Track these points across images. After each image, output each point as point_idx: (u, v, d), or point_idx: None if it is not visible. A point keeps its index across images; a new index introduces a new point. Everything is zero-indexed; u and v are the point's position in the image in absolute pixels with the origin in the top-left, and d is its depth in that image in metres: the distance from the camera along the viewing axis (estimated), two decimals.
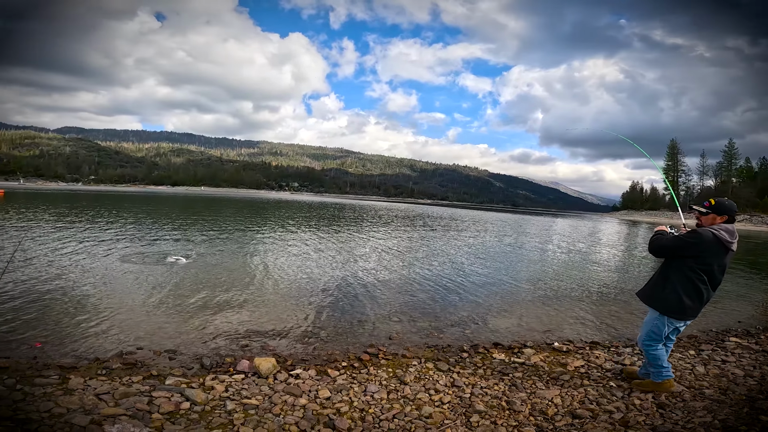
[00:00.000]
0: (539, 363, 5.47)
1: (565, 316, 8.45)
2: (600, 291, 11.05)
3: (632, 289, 11.53)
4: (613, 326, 7.86)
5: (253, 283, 9.55)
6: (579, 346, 6.39)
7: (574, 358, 5.70)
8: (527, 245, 22.89)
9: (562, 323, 7.91)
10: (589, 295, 10.41)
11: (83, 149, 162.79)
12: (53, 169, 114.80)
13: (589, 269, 15.03)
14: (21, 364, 4.53)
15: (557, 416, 3.95)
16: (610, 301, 9.97)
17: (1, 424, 3.12)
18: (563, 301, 9.62)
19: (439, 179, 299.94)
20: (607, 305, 9.49)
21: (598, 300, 9.99)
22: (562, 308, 9.02)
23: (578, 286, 11.60)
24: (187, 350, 5.53)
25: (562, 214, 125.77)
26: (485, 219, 52.25)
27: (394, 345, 6.26)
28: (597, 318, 8.38)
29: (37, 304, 6.97)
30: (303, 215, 37.48)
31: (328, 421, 3.67)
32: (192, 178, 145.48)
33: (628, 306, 9.51)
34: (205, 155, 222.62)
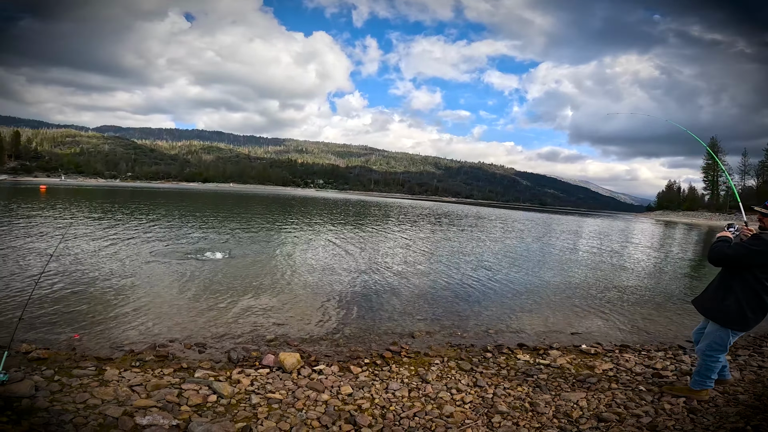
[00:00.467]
0: (565, 365, 5.36)
1: (594, 318, 8.22)
2: (632, 293, 10.67)
3: (667, 292, 11.10)
4: (645, 329, 7.59)
5: (281, 279, 9.75)
6: (608, 349, 6.21)
7: (603, 361, 5.55)
8: (555, 245, 22.35)
9: (590, 325, 7.70)
10: (620, 297, 10.07)
11: (120, 147, 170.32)
12: (93, 166, 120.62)
13: (620, 270, 14.54)
14: (60, 355, 4.79)
15: (582, 419, 3.86)
16: (642, 303, 9.61)
17: (38, 415, 3.32)
18: (592, 303, 9.35)
19: (464, 177, 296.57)
20: (640, 308, 9.16)
21: (630, 302, 9.65)
22: (591, 310, 8.77)
23: (609, 287, 11.24)
24: (215, 344, 5.72)
25: (592, 213, 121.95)
26: (511, 217, 51.34)
27: (416, 343, 6.27)
28: (628, 320, 8.11)
29: (76, 296, 7.35)
30: (329, 212, 37.93)
31: (350, 417, 3.71)
32: (221, 175, 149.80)
33: (661, 309, 9.16)
34: (233, 153, 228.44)
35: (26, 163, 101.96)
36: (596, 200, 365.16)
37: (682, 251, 24.28)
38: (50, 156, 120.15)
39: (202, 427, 3.23)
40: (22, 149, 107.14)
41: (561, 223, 47.93)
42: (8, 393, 3.52)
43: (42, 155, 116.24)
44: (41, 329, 5.69)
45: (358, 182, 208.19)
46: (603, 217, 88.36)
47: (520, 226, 36.54)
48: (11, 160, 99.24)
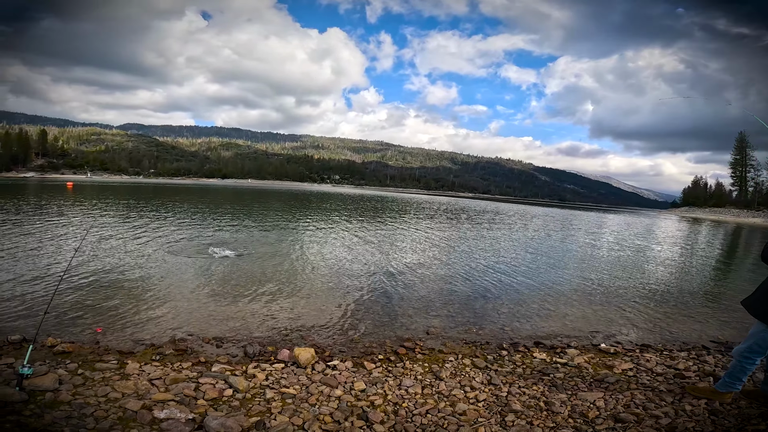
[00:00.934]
0: (583, 364, 5.25)
1: (614, 316, 8.03)
2: (655, 291, 10.38)
3: (692, 290, 10.76)
4: (668, 329, 7.38)
5: (297, 275, 9.85)
6: (628, 349, 6.07)
7: (622, 361, 5.43)
8: (574, 241, 21.93)
9: (610, 324, 7.53)
10: (642, 296, 9.81)
11: (143, 144, 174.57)
12: (117, 163, 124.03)
13: (643, 268, 14.17)
14: (84, 348, 4.94)
15: (598, 419, 3.79)
16: (665, 302, 9.34)
17: (60, 408, 3.43)
18: (613, 301, 9.13)
19: (481, 172, 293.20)
20: (662, 307, 8.91)
21: (652, 301, 9.39)
22: (611, 308, 8.57)
23: (630, 285, 10.96)
24: (232, 338, 5.82)
25: (614, 209, 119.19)
26: (529, 213, 50.61)
27: (431, 339, 6.24)
28: (650, 320, 7.90)
29: (100, 290, 7.58)
30: (345, 207, 38.10)
31: (362, 413, 3.72)
32: (240, 171, 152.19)
33: (686, 308, 8.89)
34: (251, 149, 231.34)
35: (53, 161, 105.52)
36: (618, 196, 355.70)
37: (708, 249, 23.50)
38: (76, 154, 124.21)
39: (216, 421, 3.28)
40: (49, 147, 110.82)
41: (581, 219, 47.00)
42: (32, 386, 3.64)
43: (68, 153, 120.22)
44: (66, 323, 5.88)
45: (374, 178, 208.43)
46: (625, 213, 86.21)
47: (538, 222, 35.98)
48: (39, 158, 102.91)
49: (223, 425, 3.24)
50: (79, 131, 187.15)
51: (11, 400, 3.40)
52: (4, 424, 3.06)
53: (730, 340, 6.81)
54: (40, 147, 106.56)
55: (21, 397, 3.47)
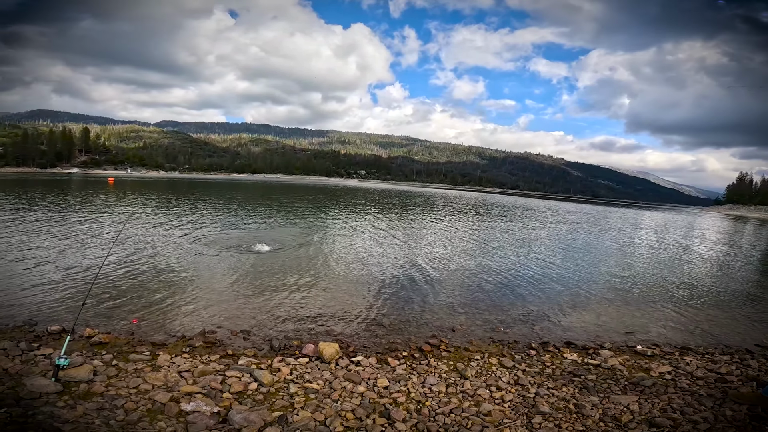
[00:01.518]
0: (617, 366, 5.02)
1: (652, 317, 7.65)
2: (695, 292, 9.83)
3: (735, 292, 10.14)
4: (710, 332, 6.97)
5: (325, 269, 9.92)
6: (666, 351, 5.77)
7: (660, 364, 5.16)
8: (609, 238, 21.12)
9: (647, 325, 7.17)
10: (682, 296, 9.31)
11: (178, 141, 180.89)
12: (154, 159, 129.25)
13: (682, 268, 13.46)
14: (120, 339, 5.13)
15: (631, 423, 3.60)
16: (707, 303, 8.83)
17: (93, 400, 3.55)
18: (650, 301, 8.71)
19: (510, 167, 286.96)
20: (704, 308, 8.42)
21: (693, 302, 8.89)
22: (649, 309, 8.17)
23: (669, 285, 10.43)
24: (259, 331, 5.90)
25: (651, 206, 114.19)
26: (561, 209, 49.15)
27: (457, 337, 6.13)
28: (690, 322, 7.48)
29: (135, 282, 7.87)
30: (371, 202, 38.18)
31: (384, 410, 3.67)
32: (269, 166, 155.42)
33: (728, 310, 8.37)
34: (279, 145, 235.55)
35: (95, 157, 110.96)
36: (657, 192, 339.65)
37: (754, 249, 22.10)
38: (117, 150, 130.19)
39: (240, 415, 3.32)
40: (91, 144, 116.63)
41: (616, 215, 45.26)
42: (68, 377, 3.79)
43: (109, 150, 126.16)
44: (104, 313, 6.12)
45: (401, 172, 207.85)
46: (664, 210, 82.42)
47: (570, 218, 34.89)
48: (82, 154, 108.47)
49: (247, 419, 3.27)
50: (119, 129, 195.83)
51: (46, 391, 3.54)
52: (37, 416, 3.17)
53: None
54: (83, 144, 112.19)
55: (56, 388, 3.60)
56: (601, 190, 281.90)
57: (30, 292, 6.81)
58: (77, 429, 3.02)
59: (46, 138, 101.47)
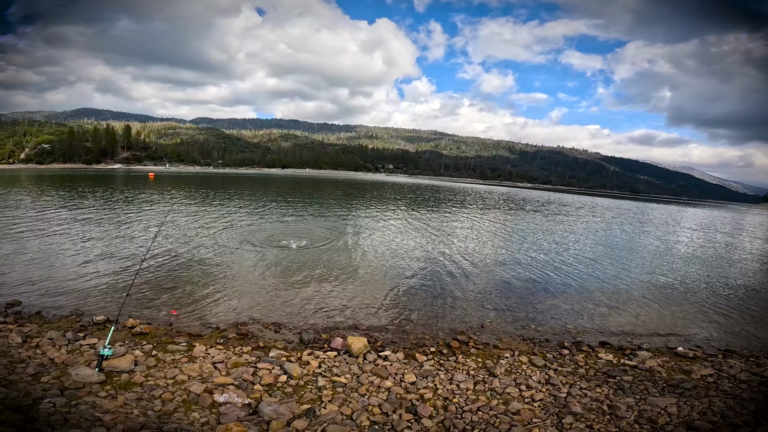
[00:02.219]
0: (655, 368, 4.81)
1: (695, 318, 7.28)
2: (741, 294, 9.26)
3: None
4: (756, 334, 6.57)
5: (354, 263, 10.00)
6: (709, 353, 5.48)
7: (702, 366, 4.91)
8: (649, 236, 20.19)
9: (689, 326, 6.83)
10: (726, 297, 8.80)
11: (212, 137, 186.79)
12: (191, 155, 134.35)
13: (727, 268, 12.70)
14: (159, 330, 5.35)
15: (668, 426, 3.45)
16: (754, 306, 8.30)
17: (133, 390, 3.71)
18: (693, 302, 8.28)
19: (541, 162, 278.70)
20: (750, 311, 7.93)
21: (739, 304, 8.39)
22: (691, 310, 7.77)
23: (713, 286, 9.87)
24: (290, 324, 6.02)
25: (695, 202, 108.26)
26: (597, 205, 47.41)
27: (486, 334, 6.04)
28: (736, 324, 7.07)
29: (174, 275, 8.19)
30: (400, 196, 38.10)
31: (411, 406, 3.66)
32: (298, 161, 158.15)
33: None
34: (308, 140, 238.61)
35: (137, 153, 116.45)
36: (701, 188, 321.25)
37: None
38: (156, 146, 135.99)
39: (270, 407, 3.39)
40: (132, 141, 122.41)
41: (656, 212, 43.22)
42: (110, 367, 3.97)
43: (149, 146, 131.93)
44: (145, 304, 6.41)
45: (428, 167, 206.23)
46: (709, 207, 78.01)
47: (607, 214, 33.59)
48: (124, 150, 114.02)
49: (276, 411, 3.34)
50: (157, 126, 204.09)
51: (89, 381, 3.72)
52: (80, 406, 3.33)
53: None
54: (125, 141, 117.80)
55: (99, 378, 3.78)
56: (641, 185, 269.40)
57: (77, 283, 7.21)
58: (117, 419, 3.14)
59: (91, 135, 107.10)
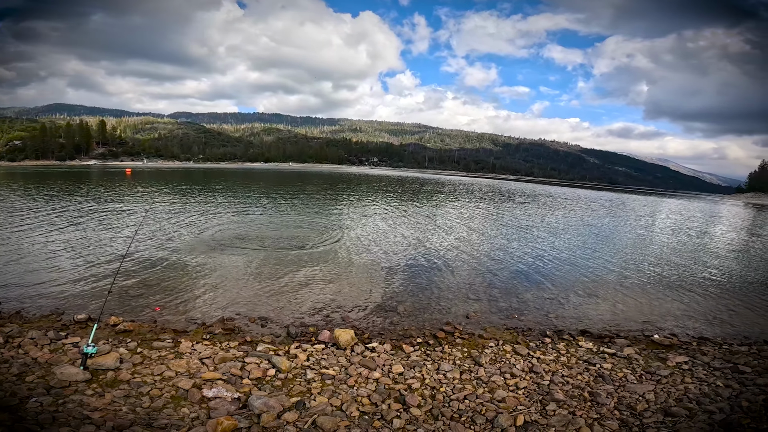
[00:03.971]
0: (633, 355, 5.00)
1: (670, 307, 7.55)
2: (715, 282, 9.63)
3: (756, 282, 9.90)
4: (729, 322, 6.85)
5: (340, 256, 10.02)
6: (684, 341, 5.71)
7: (677, 353, 5.13)
8: (626, 226, 20.76)
9: (665, 314, 7.09)
10: (701, 286, 9.14)
11: (192, 132, 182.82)
12: (170, 150, 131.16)
13: (702, 257, 13.16)
14: (143, 327, 5.29)
15: (647, 413, 3.60)
16: (726, 294, 8.65)
17: (120, 387, 3.68)
18: (668, 291, 8.58)
19: (524, 154, 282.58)
20: (723, 298, 8.26)
21: (712, 292, 8.73)
22: (667, 298, 8.06)
23: (688, 274, 10.24)
24: (277, 318, 6.03)
25: (671, 193, 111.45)
26: (577, 196, 48.38)
27: (471, 324, 6.16)
28: (709, 312, 7.36)
29: (157, 270, 8.08)
30: (384, 189, 38.11)
31: (399, 396, 3.74)
32: (282, 155, 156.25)
33: (749, 300, 8.19)
34: (292, 134, 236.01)
35: (113, 149, 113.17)
36: (677, 180, 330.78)
37: None
38: (133, 142, 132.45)
39: (260, 401, 3.42)
40: (108, 136, 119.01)
41: (634, 203, 44.37)
42: (96, 365, 3.93)
43: (126, 141, 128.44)
44: (127, 302, 6.31)
45: (413, 160, 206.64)
46: (684, 197, 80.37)
47: (588, 205, 34.34)
48: (99, 146, 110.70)
49: (266, 405, 3.37)
50: (134, 121, 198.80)
51: (75, 379, 3.68)
52: (67, 404, 3.29)
53: None
54: (100, 136, 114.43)
55: (84, 376, 3.75)
56: (619, 177, 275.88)
57: (57, 281, 7.05)
58: (106, 417, 3.12)
59: (64, 131, 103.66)
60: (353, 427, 3.24)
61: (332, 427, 3.19)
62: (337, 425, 3.22)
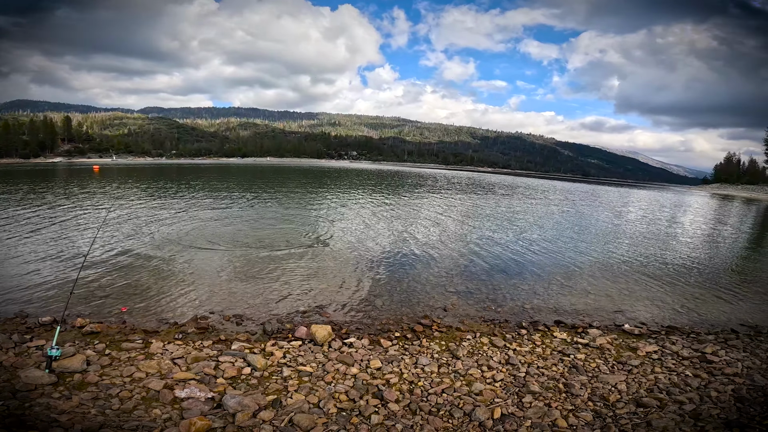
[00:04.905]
0: (605, 345, 5.12)
1: (640, 296, 7.79)
2: (682, 271, 9.99)
3: (721, 271, 10.32)
4: (696, 311, 7.10)
5: (316, 252, 9.90)
6: (653, 330, 5.88)
7: (647, 343, 5.27)
8: (598, 217, 21.34)
9: (635, 303, 7.31)
10: (669, 276, 9.47)
11: (164, 127, 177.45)
12: (141, 145, 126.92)
13: (670, 246, 13.66)
14: (111, 328, 5.09)
15: (619, 403, 3.69)
16: (693, 283, 8.98)
17: (87, 389, 3.54)
18: (638, 280, 8.86)
19: (501, 147, 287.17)
20: (690, 287, 8.58)
21: (680, 281, 9.04)
22: (636, 288, 8.32)
23: (656, 264, 10.60)
24: (252, 315, 5.91)
25: (640, 185, 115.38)
26: (551, 188, 49.42)
27: (448, 317, 6.20)
28: (677, 301, 7.62)
29: (124, 269, 7.80)
30: (363, 183, 37.93)
31: (377, 392, 3.73)
32: (259, 149, 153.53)
33: (715, 289, 8.53)
34: (269, 128, 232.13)
35: (79, 146, 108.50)
36: (646, 172, 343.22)
37: (740, 228, 22.50)
38: (101, 138, 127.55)
39: (234, 399, 3.34)
40: (74, 133, 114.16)
41: (605, 194, 45.68)
42: (61, 368, 3.77)
43: (93, 137, 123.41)
44: (94, 303, 6.06)
45: (392, 153, 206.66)
46: (653, 189, 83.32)
47: (560, 196, 35.14)
48: (65, 143, 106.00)
49: (241, 404, 3.30)
50: (101, 116, 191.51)
51: (41, 382, 3.53)
52: (34, 408, 3.17)
53: (760, 324, 6.51)
54: (66, 133, 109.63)
55: (50, 379, 3.60)
56: (591, 169, 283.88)
57: (20, 283, 6.72)
58: (74, 419, 3.02)
59: (27, 128, 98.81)
60: (331, 423, 3.21)
61: (309, 424, 3.15)
62: (314, 423, 3.18)
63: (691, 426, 3.25)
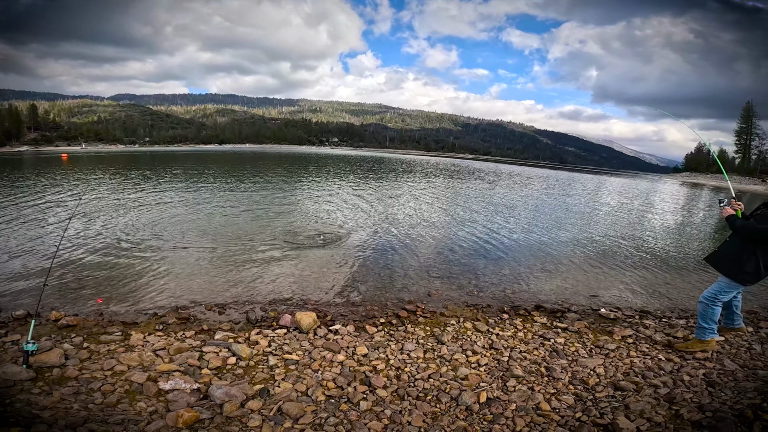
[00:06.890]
0: (583, 330, 5.28)
1: (614, 281, 8.05)
2: (654, 256, 10.36)
3: (690, 256, 10.72)
4: (667, 295, 7.35)
5: (298, 239, 9.83)
6: (628, 315, 6.06)
7: (622, 327, 5.43)
8: (574, 203, 21.84)
9: (610, 288, 7.56)
10: (641, 261, 9.79)
11: (137, 114, 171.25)
12: (111, 133, 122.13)
13: (642, 233, 14.12)
14: (88, 321, 4.95)
15: (598, 387, 3.82)
16: (664, 267, 9.30)
17: (68, 384, 3.45)
18: (612, 265, 9.14)
19: (482, 134, 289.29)
20: (661, 272, 8.89)
21: (651, 266, 9.36)
22: (611, 272, 8.59)
23: (630, 250, 10.95)
24: (235, 304, 5.85)
25: (615, 173, 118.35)
26: (530, 174, 50.20)
27: (432, 302, 6.28)
28: (649, 285, 7.88)
29: (98, 260, 7.58)
30: (344, 169, 37.63)
31: (365, 378, 3.76)
32: (237, 136, 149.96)
33: (684, 274, 8.86)
34: (248, 114, 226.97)
35: (46, 134, 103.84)
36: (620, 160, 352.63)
37: (709, 214, 23.41)
38: (69, 126, 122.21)
39: (221, 390, 3.31)
40: (40, 121, 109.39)
41: (582, 181, 46.70)
42: (39, 363, 3.65)
43: (61, 125, 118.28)
44: (68, 295, 5.89)
45: (374, 140, 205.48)
46: (626, 176, 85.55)
47: (539, 183, 35.75)
48: (31, 132, 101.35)
49: (228, 394, 3.27)
50: (69, 104, 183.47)
51: (19, 378, 3.41)
52: (15, 404, 3.07)
53: None
54: (32, 121, 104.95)
55: (29, 374, 3.48)
56: (569, 157, 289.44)
57: None
58: (57, 415, 2.94)
59: None
60: (320, 411, 3.23)
61: (298, 412, 3.16)
62: (303, 410, 3.19)
63: (666, 409, 3.38)
